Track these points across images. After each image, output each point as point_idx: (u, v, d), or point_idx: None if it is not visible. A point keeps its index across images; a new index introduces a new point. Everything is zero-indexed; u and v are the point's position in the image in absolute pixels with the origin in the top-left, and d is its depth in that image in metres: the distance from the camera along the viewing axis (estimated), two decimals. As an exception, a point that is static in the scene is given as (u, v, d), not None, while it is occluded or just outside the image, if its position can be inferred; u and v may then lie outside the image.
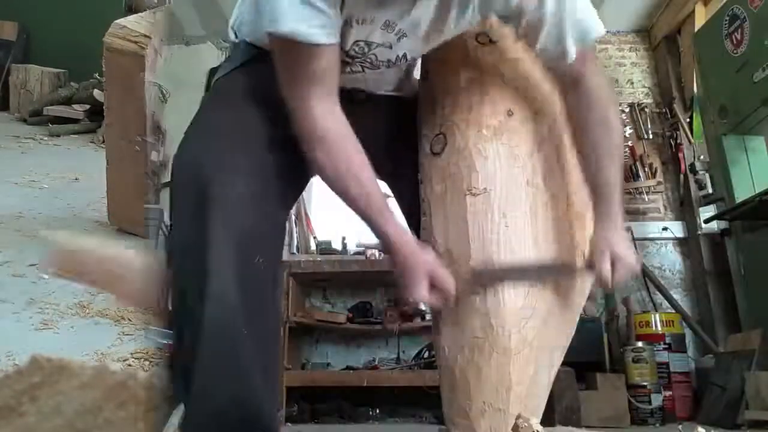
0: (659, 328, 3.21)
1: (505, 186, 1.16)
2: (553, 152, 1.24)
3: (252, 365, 0.92)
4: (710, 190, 3.38)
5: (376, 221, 1.03)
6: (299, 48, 0.95)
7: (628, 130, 3.93)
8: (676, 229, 3.72)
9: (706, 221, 3.25)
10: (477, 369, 1.09)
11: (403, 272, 1.03)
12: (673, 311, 3.44)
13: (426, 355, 3.21)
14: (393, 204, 1.22)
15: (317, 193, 3.94)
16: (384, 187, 1.25)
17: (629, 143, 3.88)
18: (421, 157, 1.29)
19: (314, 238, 3.73)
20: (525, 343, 1.08)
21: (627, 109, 3.99)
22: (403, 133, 1.29)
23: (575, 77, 1.14)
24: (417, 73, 1.35)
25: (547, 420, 1.03)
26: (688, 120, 3.72)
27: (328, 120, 1.01)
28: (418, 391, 3.03)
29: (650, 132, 3.93)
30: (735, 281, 3.08)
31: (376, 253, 3.26)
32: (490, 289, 1.09)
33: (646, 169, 3.84)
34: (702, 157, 3.50)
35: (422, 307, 1.04)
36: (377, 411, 3.22)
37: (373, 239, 1.18)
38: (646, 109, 3.98)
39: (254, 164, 1.00)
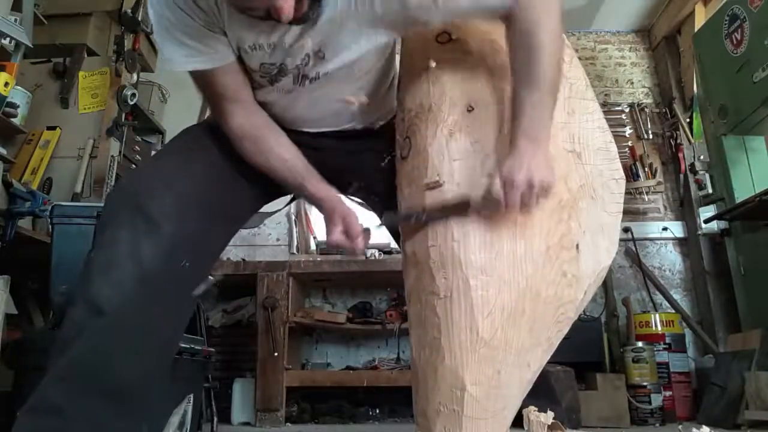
0: (659, 328, 3.21)
1: (465, 181, 1.15)
2: None
3: (133, 348, 1.05)
4: (710, 190, 3.37)
5: (301, 184, 1.24)
6: (195, 75, 1.16)
7: (628, 130, 3.93)
8: (676, 229, 3.72)
9: (706, 221, 3.25)
10: (434, 369, 1.09)
11: (324, 216, 1.24)
12: (673, 311, 3.45)
13: (426, 355, 3.19)
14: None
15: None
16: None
17: (629, 143, 3.88)
18: (396, 162, 1.31)
19: (314, 238, 3.72)
20: (480, 342, 1.06)
21: (627, 109, 3.99)
22: (371, 155, 1.40)
23: (508, 12, 1.12)
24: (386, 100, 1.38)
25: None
26: (688, 120, 3.72)
27: (244, 124, 1.21)
28: (418, 391, 3.01)
29: (650, 132, 3.93)
30: (735, 281, 3.08)
31: (376, 253, 3.26)
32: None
33: (646, 169, 3.84)
34: (702, 157, 3.49)
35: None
36: (377, 411, 3.22)
37: (373, 239, 1.23)
38: (646, 109, 3.98)
39: (189, 188, 1.15)
